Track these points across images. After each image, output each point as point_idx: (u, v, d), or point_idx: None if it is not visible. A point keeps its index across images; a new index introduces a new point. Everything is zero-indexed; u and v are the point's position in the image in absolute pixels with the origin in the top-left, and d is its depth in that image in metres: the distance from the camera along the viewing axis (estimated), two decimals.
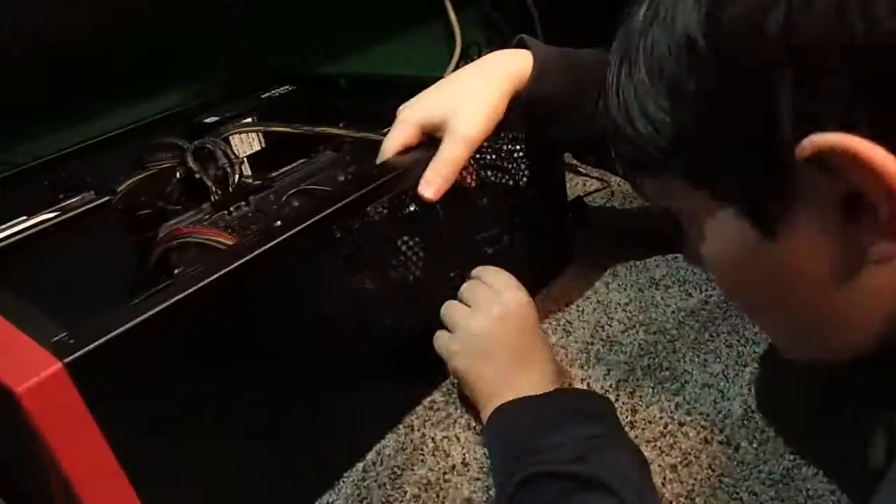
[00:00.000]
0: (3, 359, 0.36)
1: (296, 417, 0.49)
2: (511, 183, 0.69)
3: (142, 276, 0.61)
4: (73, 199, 0.62)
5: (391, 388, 0.57)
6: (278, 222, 0.47)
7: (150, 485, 0.40)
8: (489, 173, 0.67)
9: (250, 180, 0.69)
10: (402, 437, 0.56)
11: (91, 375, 0.36)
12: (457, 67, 1.24)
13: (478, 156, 0.63)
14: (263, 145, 0.80)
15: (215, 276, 0.41)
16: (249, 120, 0.79)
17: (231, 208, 0.64)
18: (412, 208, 0.55)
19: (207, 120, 0.78)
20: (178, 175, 0.69)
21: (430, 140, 0.56)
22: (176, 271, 0.58)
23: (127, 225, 0.65)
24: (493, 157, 0.66)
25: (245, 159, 0.74)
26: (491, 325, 0.54)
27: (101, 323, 0.38)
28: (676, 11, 0.32)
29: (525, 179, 0.69)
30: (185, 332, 0.41)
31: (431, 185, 0.52)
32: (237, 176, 0.65)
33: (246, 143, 0.78)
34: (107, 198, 0.63)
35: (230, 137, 0.72)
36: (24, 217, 0.59)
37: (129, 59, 0.79)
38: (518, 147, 0.67)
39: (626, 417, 0.54)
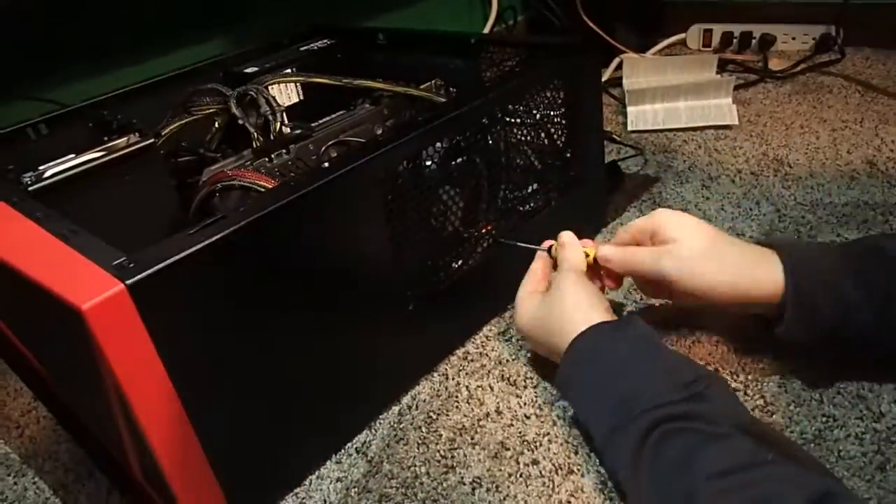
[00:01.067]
0: (68, 280, 0.37)
1: (335, 355, 0.50)
2: (548, 143, 0.69)
3: (184, 217, 0.62)
4: (119, 140, 0.63)
5: (426, 335, 0.58)
6: (326, 164, 0.48)
7: (198, 407, 0.41)
8: (527, 132, 0.68)
9: (290, 129, 0.69)
10: (437, 384, 0.57)
11: (150, 298, 0.37)
12: (491, 30, 1.23)
13: (516, 118, 0.63)
14: (301, 97, 0.81)
15: (267, 210, 0.42)
16: (289, 71, 0.79)
17: (272, 155, 0.65)
18: (458, 160, 0.55)
19: (247, 70, 0.78)
20: (218, 122, 0.70)
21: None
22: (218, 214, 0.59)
23: (168, 168, 0.66)
24: (532, 116, 0.66)
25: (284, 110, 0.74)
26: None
27: (160, 249, 0.39)
28: None
29: (563, 140, 0.69)
30: (236, 262, 0.42)
31: (604, 253, 0.56)
32: (279, 124, 0.66)
33: (284, 94, 0.78)
34: (151, 140, 0.63)
35: (269, 87, 0.72)
36: (73, 155, 0.60)
37: (174, 5, 0.79)
38: (556, 105, 0.66)
39: None
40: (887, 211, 0.70)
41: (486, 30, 1.23)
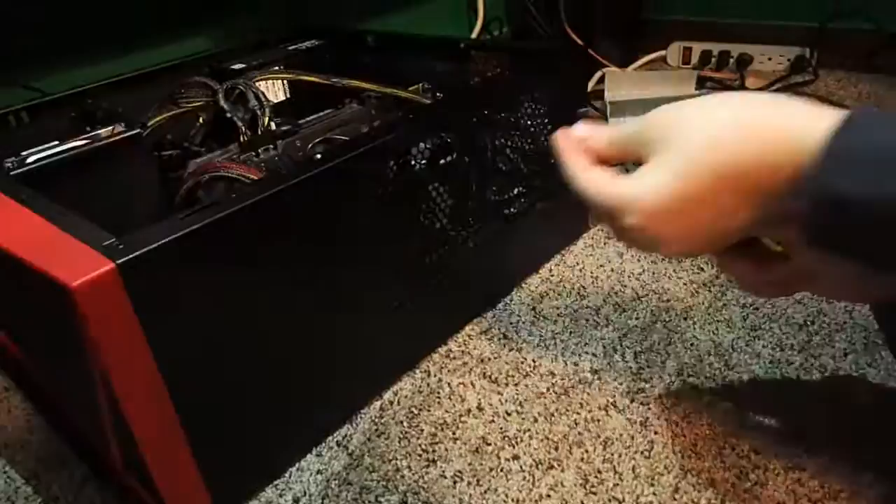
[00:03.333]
0: (57, 259, 0.37)
1: (318, 348, 0.50)
2: (533, 147, 0.70)
3: (167, 208, 0.61)
4: (103, 130, 0.63)
5: (409, 331, 0.58)
6: (318, 155, 0.49)
7: (183, 393, 0.41)
8: (513, 136, 0.69)
9: (278, 125, 0.69)
10: (419, 381, 0.57)
11: (140, 279, 0.37)
12: (478, 36, 1.24)
13: (502, 121, 0.64)
14: (288, 95, 0.81)
15: (259, 198, 0.42)
16: (277, 68, 0.79)
17: (259, 150, 0.65)
18: (446, 159, 0.56)
19: (234, 66, 0.78)
20: (204, 117, 0.70)
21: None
22: None
23: (153, 160, 0.65)
24: (518, 120, 0.67)
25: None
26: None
27: (152, 231, 0.39)
28: None
29: (547, 145, 0.70)
30: (225, 249, 0.42)
31: (595, 132, 0.42)
32: (267, 118, 0.66)
33: (272, 91, 0.79)
34: (136, 130, 0.63)
35: (257, 83, 0.72)
36: (56, 142, 0.59)
37: None
38: (541, 110, 0.68)
39: (631, 374, 0.56)
40: None
41: (473, 36, 1.25)
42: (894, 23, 1.08)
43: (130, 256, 0.36)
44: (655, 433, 0.50)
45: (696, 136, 0.34)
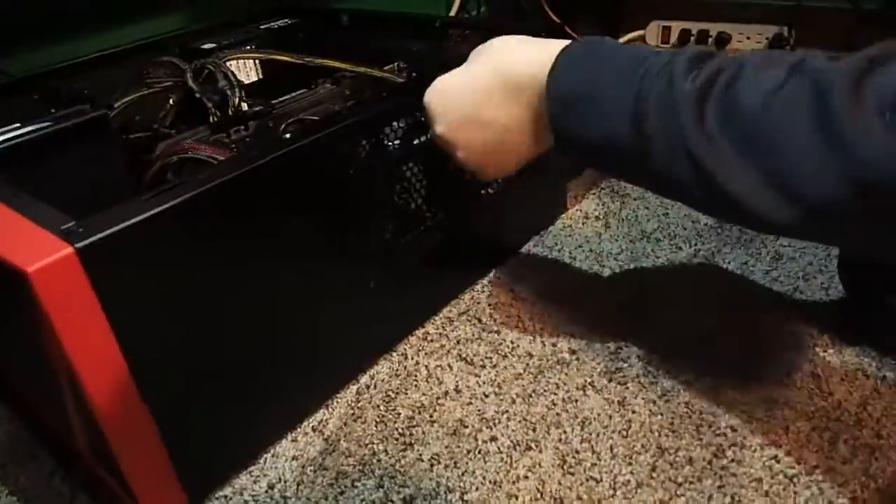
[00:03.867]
0: (14, 243, 0.35)
1: (291, 331, 0.49)
2: None
3: (136, 191, 0.60)
4: (69, 111, 0.61)
5: (386, 313, 0.58)
6: (287, 135, 0.47)
7: (149, 379, 0.40)
8: None
9: (249, 105, 0.68)
10: (396, 364, 0.57)
11: (101, 263, 0.36)
12: (456, 14, 1.23)
13: None
14: (260, 76, 0.79)
15: (226, 178, 0.41)
16: (248, 48, 0.77)
17: (231, 131, 0.63)
18: (421, 139, 0.55)
19: (205, 46, 0.76)
20: (173, 99, 0.68)
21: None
22: None
23: (120, 142, 0.64)
24: None
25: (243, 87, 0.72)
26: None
27: (112, 215, 0.37)
28: None
29: None
30: (191, 231, 0.41)
31: None
32: (237, 99, 0.64)
33: (243, 71, 0.77)
34: (103, 111, 0.61)
35: (227, 63, 0.71)
36: (18, 124, 0.57)
37: None
38: None
39: (609, 354, 0.56)
40: None
41: (452, 13, 1.23)
42: (871, 0, 1.08)
43: (90, 240, 0.35)
44: (633, 412, 0.50)
45: (486, 48, 0.47)
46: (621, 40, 1.26)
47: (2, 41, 0.69)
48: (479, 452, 0.48)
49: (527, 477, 0.46)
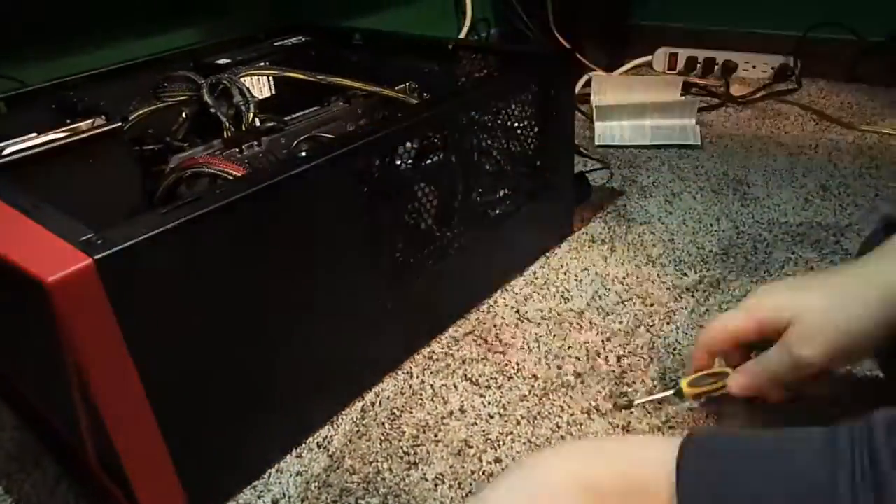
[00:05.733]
0: (33, 253, 0.36)
1: (300, 347, 0.49)
2: (520, 150, 0.70)
3: (147, 204, 0.60)
4: (83, 122, 0.61)
5: (393, 331, 0.58)
6: (303, 153, 0.48)
7: (160, 392, 0.40)
8: (500, 138, 0.68)
9: (262, 121, 0.69)
10: (401, 382, 0.57)
11: (118, 275, 0.36)
12: (466, 37, 1.24)
13: (489, 123, 0.64)
14: (274, 92, 0.80)
15: (243, 194, 0.42)
16: (263, 64, 0.78)
17: (243, 146, 0.64)
18: (433, 159, 0.56)
19: (219, 61, 0.77)
20: (186, 112, 0.69)
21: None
22: None
23: (134, 154, 0.64)
24: (505, 122, 0.67)
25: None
26: None
27: (131, 226, 0.38)
28: None
29: (534, 148, 0.70)
30: (207, 246, 0.41)
31: (742, 388, 0.47)
32: (251, 114, 0.65)
33: (257, 87, 0.78)
34: (117, 124, 0.62)
35: (242, 79, 0.72)
36: (34, 134, 0.58)
37: None
38: (527, 113, 0.67)
39: (614, 378, 0.56)
40: (839, 232, 0.73)
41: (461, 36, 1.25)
42: (875, 33, 1.10)
43: (109, 252, 0.36)
44: None
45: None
46: (627, 66, 1.28)
47: (18, 51, 0.70)
48: (483, 473, 0.48)
49: None
